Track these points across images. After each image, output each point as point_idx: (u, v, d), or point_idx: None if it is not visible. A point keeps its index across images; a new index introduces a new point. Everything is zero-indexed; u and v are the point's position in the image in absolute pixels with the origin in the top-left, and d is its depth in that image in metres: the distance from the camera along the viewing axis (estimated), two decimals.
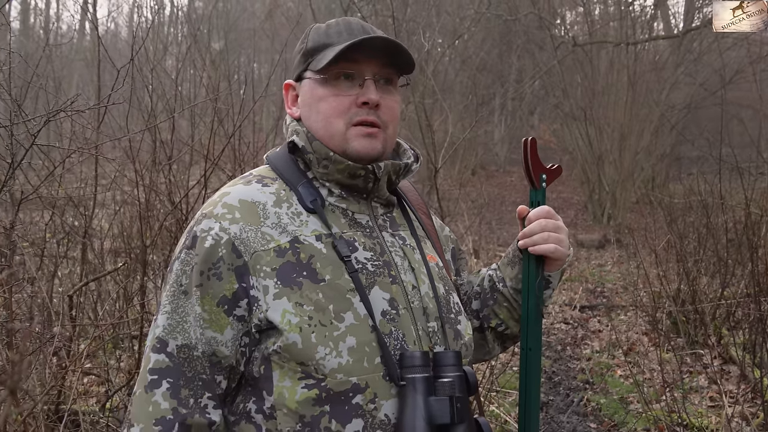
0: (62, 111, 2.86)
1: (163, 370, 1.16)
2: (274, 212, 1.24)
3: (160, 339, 1.18)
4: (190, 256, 1.20)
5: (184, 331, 1.17)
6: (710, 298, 5.69)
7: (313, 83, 1.30)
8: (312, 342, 1.14)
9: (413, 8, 13.72)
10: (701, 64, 16.11)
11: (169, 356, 1.17)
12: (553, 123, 19.24)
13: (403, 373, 1.16)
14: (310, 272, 1.19)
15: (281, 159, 1.34)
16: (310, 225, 1.24)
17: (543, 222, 1.41)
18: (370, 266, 1.24)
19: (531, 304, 1.42)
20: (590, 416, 4.57)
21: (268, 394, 1.17)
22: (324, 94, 1.28)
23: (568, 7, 19.58)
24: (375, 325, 1.18)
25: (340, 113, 1.27)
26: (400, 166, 1.32)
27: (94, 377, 4.13)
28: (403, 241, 1.33)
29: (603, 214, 15.23)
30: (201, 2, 23.63)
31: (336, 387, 1.14)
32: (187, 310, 1.18)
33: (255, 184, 1.28)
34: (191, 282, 1.18)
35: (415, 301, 1.26)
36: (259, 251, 1.18)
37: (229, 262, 1.18)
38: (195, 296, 1.18)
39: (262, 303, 1.16)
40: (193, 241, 1.21)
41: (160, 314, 1.20)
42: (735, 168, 5.74)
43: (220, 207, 1.23)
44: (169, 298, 1.20)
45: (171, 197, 4.02)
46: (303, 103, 1.33)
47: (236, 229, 1.19)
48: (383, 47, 1.27)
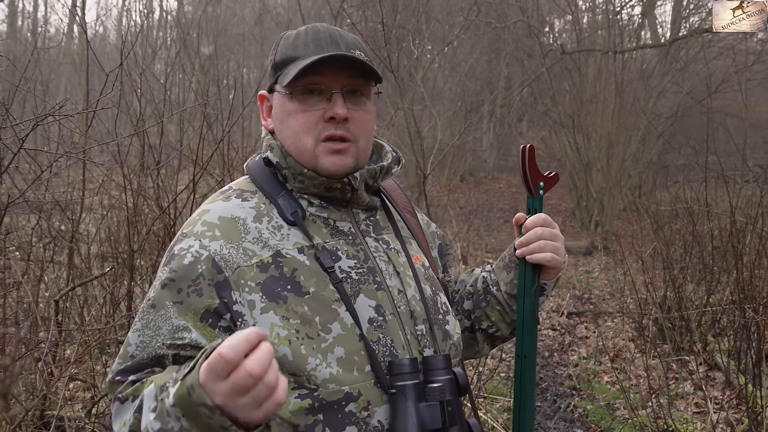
0: (50, 115, 2.84)
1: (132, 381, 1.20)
2: (255, 227, 1.23)
3: (130, 356, 1.19)
4: (164, 273, 1.20)
5: (159, 338, 1.18)
6: (696, 305, 5.73)
7: (282, 98, 1.29)
8: (302, 354, 1.14)
9: (403, 15, 13.74)
10: (688, 73, 16.24)
11: (140, 367, 1.19)
12: (541, 130, 19.32)
13: (392, 381, 1.17)
14: (294, 286, 1.19)
15: (260, 171, 1.33)
16: (292, 238, 1.23)
17: (540, 230, 1.40)
18: (354, 274, 1.24)
19: (526, 311, 1.42)
20: (577, 422, 4.59)
21: None
22: (292, 109, 1.27)
23: (556, 15, 19.69)
24: (362, 334, 1.18)
25: (308, 129, 1.25)
26: (375, 170, 1.32)
27: (81, 383, 4.10)
28: (387, 245, 1.33)
29: (590, 221, 15.30)
30: (190, 6, 23.60)
31: (328, 396, 1.14)
32: (158, 323, 1.18)
33: (234, 199, 1.28)
34: (161, 296, 1.18)
35: (402, 305, 1.26)
36: (243, 266, 1.18)
37: (209, 278, 1.17)
38: (165, 309, 1.18)
39: (248, 318, 1.16)
40: (170, 259, 1.21)
41: (131, 332, 1.20)
42: (720, 176, 5.79)
43: (199, 225, 1.23)
44: (140, 314, 1.20)
45: (159, 202, 4.01)
46: (275, 116, 1.32)
47: (216, 246, 1.19)
48: (347, 61, 1.25)
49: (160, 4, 21.75)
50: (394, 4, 13.23)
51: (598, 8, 18.11)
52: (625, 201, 14.42)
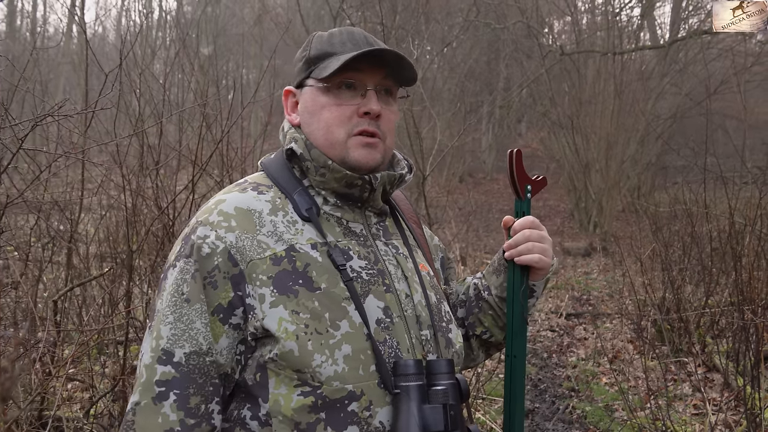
0: (49, 115, 2.84)
1: (170, 381, 1.15)
2: (270, 220, 1.24)
3: (165, 350, 1.16)
4: (189, 264, 1.19)
5: (191, 339, 1.16)
6: (695, 307, 5.73)
7: (315, 91, 1.30)
8: (308, 350, 1.15)
9: (402, 15, 13.74)
10: (687, 74, 16.27)
11: (176, 366, 1.16)
12: (540, 131, 19.35)
13: (396, 381, 1.17)
14: (306, 280, 1.19)
15: (277, 166, 1.33)
16: (306, 233, 1.24)
17: (527, 232, 1.43)
18: (365, 275, 1.25)
19: (516, 312, 1.44)
20: (576, 424, 4.59)
21: (264, 401, 1.17)
22: (326, 102, 1.29)
23: (556, 16, 19.72)
24: (370, 333, 1.19)
25: (342, 122, 1.28)
26: (395, 176, 1.33)
27: (79, 383, 4.09)
28: (396, 250, 1.34)
29: (589, 222, 15.32)
30: (190, 7, 23.61)
31: (332, 395, 1.15)
32: (192, 317, 1.17)
33: (251, 191, 1.28)
34: (194, 290, 1.18)
35: (409, 309, 1.27)
36: (255, 260, 1.18)
37: (225, 271, 1.17)
38: (200, 303, 1.17)
39: (258, 311, 1.16)
40: (190, 249, 1.20)
41: (161, 325, 1.18)
42: (719, 177, 5.79)
43: (215, 214, 1.22)
44: (171, 307, 1.18)
45: (158, 202, 4.00)
46: (303, 110, 1.33)
47: (232, 238, 1.19)
48: (388, 59, 1.28)
49: (159, 5, 21.77)
50: (393, 4, 13.23)
51: (598, 9, 18.17)
52: (624, 202, 14.44)
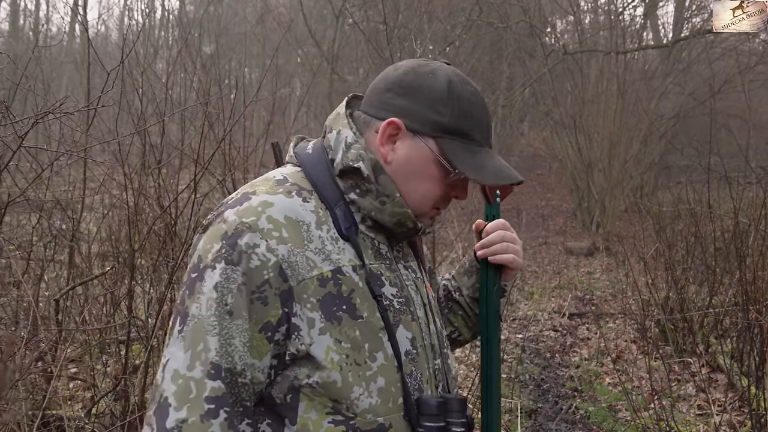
0: (51, 113, 2.83)
1: (219, 398, 1.06)
2: (318, 236, 1.15)
3: (214, 364, 1.06)
4: (236, 274, 1.08)
5: (227, 355, 1.07)
6: (698, 307, 5.72)
7: (430, 154, 1.21)
8: (349, 381, 1.11)
9: (405, 15, 13.72)
10: (690, 73, 16.23)
11: (224, 382, 1.07)
12: (543, 131, 19.33)
13: (421, 420, 1.16)
14: (349, 307, 1.14)
15: (319, 170, 1.23)
16: (347, 253, 1.17)
17: (502, 233, 1.45)
18: (396, 303, 1.20)
19: (490, 310, 1.46)
20: (579, 424, 4.57)
21: (291, 423, 1.12)
22: (436, 177, 1.23)
23: (558, 15, 19.69)
24: (401, 366, 1.16)
25: (434, 198, 1.25)
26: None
27: (80, 382, 4.09)
28: (414, 274, 1.31)
29: (592, 222, 15.29)
30: (192, 6, 23.62)
31: (364, 426, 1.12)
32: (231, 332, 1.07)
33: (296, 197, 1.17)
34: (238, 304, 1.08)
35: (427, 338, 1.25)
36: (306, 279, 1.11)
37: (276, 287, 1.09)
38: (242, 319, 1.08)
39: (304, 335, 1.10)
40: (239, 257, 1.09)
41: (209, 336, 1.07)
42: (723, 177, 5.78)
43: (264, 220, 1.11)
44: (216, 317, 1.07)
45: (160, 201, 3.99)
46: (406, 163, 1.22)
47: (284, 251, 1.10)
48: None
49: (161, 4, 21.78)
50: (396, 3, 13.21)
51: (601, 9, 18.14)
52: (627, 202, 14.39)
